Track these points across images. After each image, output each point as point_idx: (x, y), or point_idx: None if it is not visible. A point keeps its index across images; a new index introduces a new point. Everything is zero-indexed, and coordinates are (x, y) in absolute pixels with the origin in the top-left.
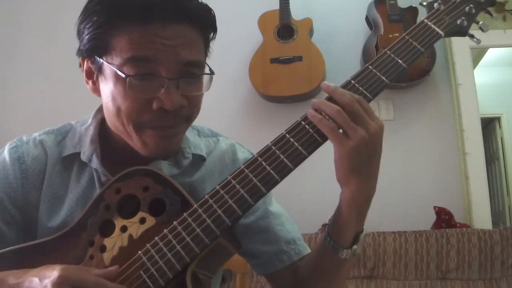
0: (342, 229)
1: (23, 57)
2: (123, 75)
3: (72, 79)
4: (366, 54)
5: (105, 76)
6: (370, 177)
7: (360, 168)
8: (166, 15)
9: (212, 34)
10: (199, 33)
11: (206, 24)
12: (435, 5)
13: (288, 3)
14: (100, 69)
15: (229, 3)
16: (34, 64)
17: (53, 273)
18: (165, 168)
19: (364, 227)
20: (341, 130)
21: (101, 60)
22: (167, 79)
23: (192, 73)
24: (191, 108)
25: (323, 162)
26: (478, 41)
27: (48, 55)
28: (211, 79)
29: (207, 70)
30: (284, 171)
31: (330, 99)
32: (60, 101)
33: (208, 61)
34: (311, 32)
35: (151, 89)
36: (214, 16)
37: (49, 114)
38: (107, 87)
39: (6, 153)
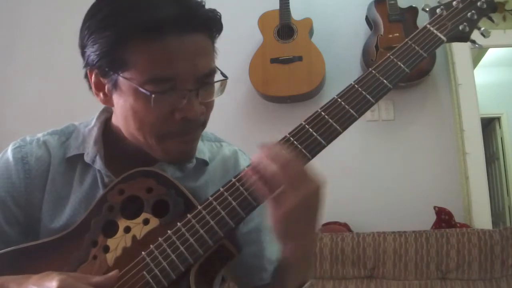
0: (285, 278)
1: (23, 57)
2: (148, 93)
3: (72, 79)
4: (366, 54)
5: (122, 91)
6: (308, 235)
7: (297, 229)
8: (181, 27)
9: (217, 35)
10: (210, 39)
11: (216, 29)
12: (438, 10)
13: (288, 3)
14: (115, 84)
15: (229, 3)
16: (34, 64)
17: (51, 283)
18: (169, 171)
19: (309, 277)
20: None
21: (116, 75)
22: (188, 90)
23: (209, 82)
24: (206, 114)
25: (322, 162)
26: (480, 47)
27: (48, 55)
28: (224, 83)
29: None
30: None
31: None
32: (60, 101)
33: None
34: (311, 32)
35: (174, 102)
36: (221, 19)
37: (48, 114)
38: (126, 102)
39: (9, 153)
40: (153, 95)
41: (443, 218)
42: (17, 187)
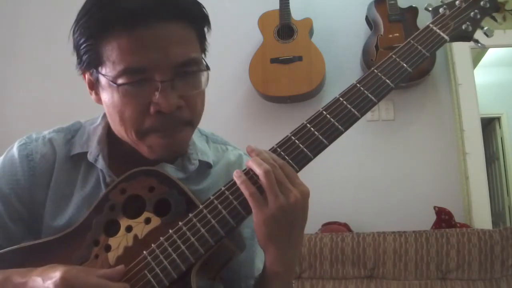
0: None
1: (23, 57)
2: (114, 85)
3: (72, 79)
4: (366, 54)
5: (103, 87)
6: (289, 246)
7: (278, 236)
8: (152, 16)
9: (206, 28)
10: (191, 29)
11: (197, 18)
12: (440, 10)
13: (288, 3)
14: (97, 81)
15: (229, 3)
16: (34, 64)
17: (55, 274)
18: (171, 172)
19: None
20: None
21: (97, 72)
22: (160, 82)
23: (186, 72)
24: (190, 110)
25: (323, 162)
26: (483, 46)
27: (48, 55)
28: (208, 75)
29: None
30: None
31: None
32: (60, 100)
33: (208, 61)
34: (311, 32)
35: (146, 94)
36: (204, 9)
37: (49, 114)
38: (107, 98)
39: (15, 150)
40: (119, 87)
41: (443, 218)
42: (21, 184)
